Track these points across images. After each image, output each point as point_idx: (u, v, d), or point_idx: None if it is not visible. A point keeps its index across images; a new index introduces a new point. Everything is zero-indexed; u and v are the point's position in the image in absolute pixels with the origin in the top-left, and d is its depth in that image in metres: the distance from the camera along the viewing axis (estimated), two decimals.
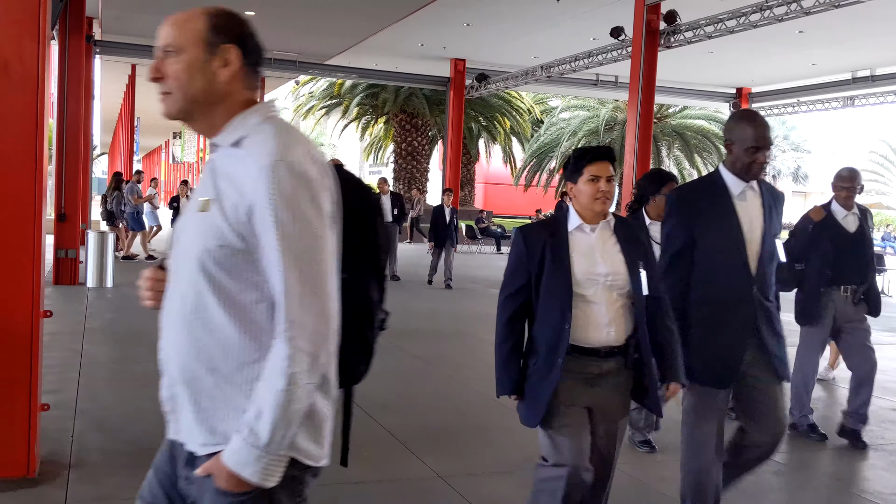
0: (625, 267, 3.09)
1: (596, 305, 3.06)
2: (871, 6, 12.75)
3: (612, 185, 3.09)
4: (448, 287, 13.58)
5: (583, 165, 3.08)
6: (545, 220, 3.41)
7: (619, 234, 3.17)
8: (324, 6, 15.83)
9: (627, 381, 3.17)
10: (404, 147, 32.61)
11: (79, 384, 6.29)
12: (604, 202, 3.08)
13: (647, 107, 15.01)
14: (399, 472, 4.62)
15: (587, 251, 3.10)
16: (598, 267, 3.07)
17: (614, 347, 3.08)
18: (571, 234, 3.13)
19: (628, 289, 3.09)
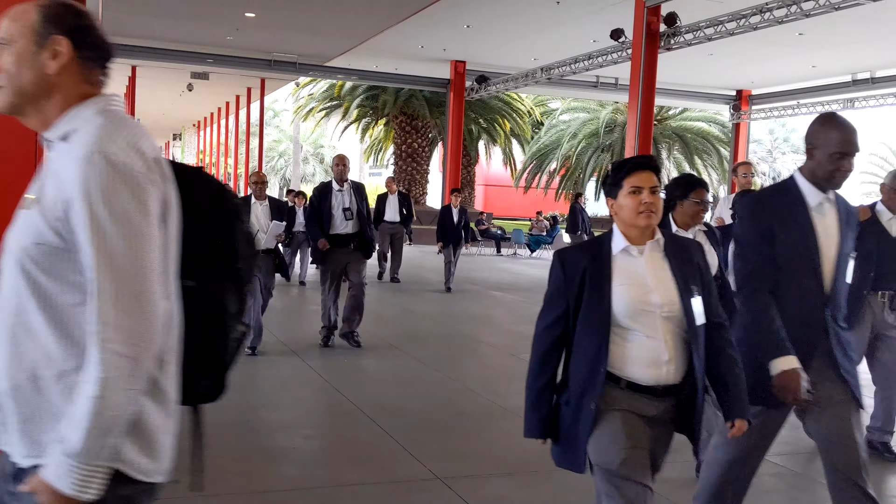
0: (678, 295, 2.73)
1: (652, 340, 2.71)
2: (870, 8, 12.77)
3: (656, 198, 2.74)
4: (447, 290, 13.51)
5: (622, 177, 2.75)
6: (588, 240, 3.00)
7: (671, 254, 2.81)
8: (324, 8, 15.85)
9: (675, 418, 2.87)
10: (404, 149, 32.62)
11: None
12: (648, 216, 2.71)
13: (647, 109, 15.03)
14: (398, 473, 4.61)
15: (636, 278, 2.74)
16: (651, 296, 2.71)
17: (671, 386, 2.76)
18: (615, 258, 2.77)
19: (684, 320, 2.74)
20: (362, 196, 8.23)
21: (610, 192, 2.83)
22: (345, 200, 8.07)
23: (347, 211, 8.02)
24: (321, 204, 8.07)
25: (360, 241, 8.09)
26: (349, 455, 4.96)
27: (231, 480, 4.38)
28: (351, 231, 8.03)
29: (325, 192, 8.11)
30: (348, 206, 8.03)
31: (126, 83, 27.92)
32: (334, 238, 7.99)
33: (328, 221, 7.96)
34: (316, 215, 8.11)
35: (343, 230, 8.02)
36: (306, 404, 6.19)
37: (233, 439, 5.10)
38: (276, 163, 65.94)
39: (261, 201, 7.98)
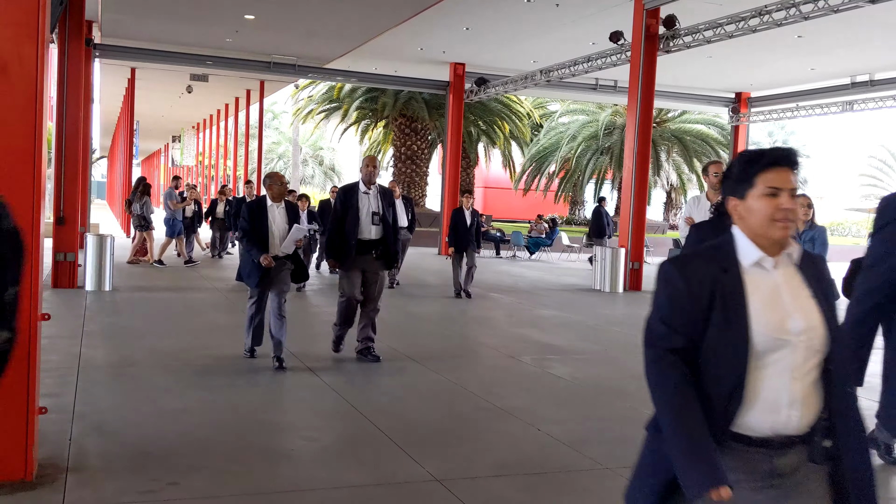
0: (821, 319, 2.18)
1: (777, 378, 2.13)
2: (869, 11, 12.78)
3: (797, 203, 2.19)
4: (467, 296, 12.98)
5: (754, 173, 2.18)
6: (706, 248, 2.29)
7: (805, 270, 2.27)
8: (323, 10, 15.85)
9: (820, 484, 2.20)
10: (403, 151, 32.63)
11: (77, 387, 6.28)
12: (786, 226, 2.16)
13: (646, 111, 15.04)
14: (397, 475, 4.61)
15: (771, 297, 2.18)
16: (791, 321, 2.15)
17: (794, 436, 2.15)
18: (748, 272, 2.20)
19: (825, 350, 2.18)
20: (390, 202, 7.76)
21: (735, 189, 2.24)
22: (372, 204, 7.61)
23: (375, 215, 7.56)
24: (347, 206, 7.56)
25: (384, 250, 7.65)
26: (348, 457, 4.96)
27: (231, 481, 4.38)
28: (375, 237, 7.59)
29: (350, 194, 7.62)
30: (376, 210, 7.58)
31: (125, 85, 27.93)
32: (358, 243, 7.54)
33: (354, 225, 7.48)
34: (339, 219, 7.57)
35: (368, 235, 7.57)
36: (305, 406, 6.19)
37: (232, 441, 5.10)
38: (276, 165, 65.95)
39: (277, 204, 7.37)
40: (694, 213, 7.13)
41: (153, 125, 41.95)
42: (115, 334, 8.85)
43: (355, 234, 7.51)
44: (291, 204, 7.57)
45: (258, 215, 7.23)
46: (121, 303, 11.25)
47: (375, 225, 7.56)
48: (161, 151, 60.78)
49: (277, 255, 7.22)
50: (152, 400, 6.02)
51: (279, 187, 7.42)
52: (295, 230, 7.24)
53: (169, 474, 4.42)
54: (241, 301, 12.19)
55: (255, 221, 7.22)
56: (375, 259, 7.61)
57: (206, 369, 7.25)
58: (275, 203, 7.33)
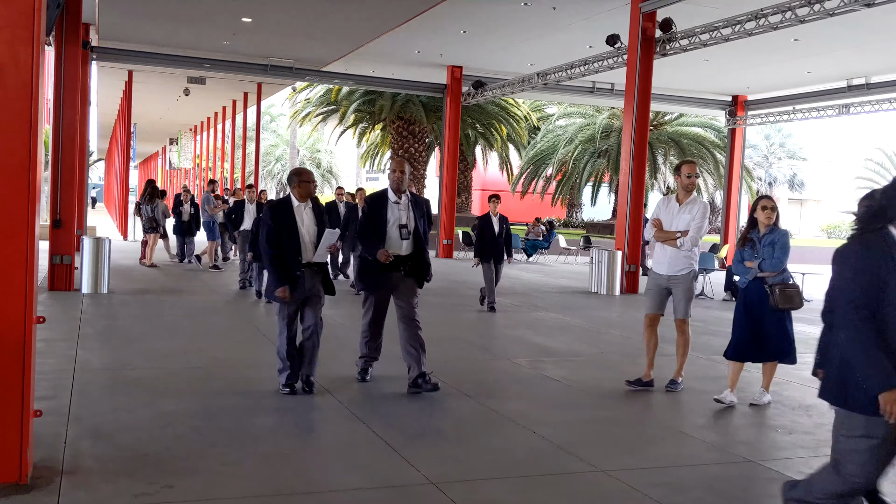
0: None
1: None
2: (865, 15, 12.82)
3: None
4: (492, 310, 12.00)
5: None
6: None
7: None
8: (321, 13, 15.87)
9: None
10: (401, 153, 32.64)
11: (72, 390, 6.28)
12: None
13: (642, 114, 15.06)
14: (393, 478, 4.61)
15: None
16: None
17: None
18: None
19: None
20: (423, 212, 6.86)
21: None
22: (401, 216, 6.73)
23: (404, 228, 6.69)
24: (373, 219, 6.74)
25: (415, 266, 6.76)
26: (344, 460, 4.96)
27: (226, 484, 4.38)
28: (405, 252, 6.69)
29: (378, 204, 6.75)
30: (405, 222, 6.70)
31: (123, 87, 27.92)
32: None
33: (381, 239, 6.64)
34: (369, 229, 6.74)
35: (396, 251, 6.66)
36: (300, 409, 6.18)
37: (228, 443, 5.10)
38: (273, 167, 65.96)
39: (304, 204, 6.48)
40: (662, 215, 6.97)
41: (150, 128, 41.94)
42: (112, 337, 8.85)
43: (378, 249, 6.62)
44: (318, 202, 6.73)
45: (285, 219, 6.33)
46: (117, 306, 11.24)
47: (405, 239, 6.68)
48: (158, 154, 60.75)
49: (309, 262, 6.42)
50: (148, 403, 6.02)
51: (307, 185, 6.50)
52: (328, 234, 6.40)
53: (164, 477, 4.41)
54: (241, 304, 12.22)
55: (283, 226, 6.32)
56: (405, 276, 6.72)
57: (203, 372, 7.24)
58: (302, 203, 6.45)
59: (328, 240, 6.42)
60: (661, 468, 5.06)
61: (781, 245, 6.42)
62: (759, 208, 6.59)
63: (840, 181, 60.09)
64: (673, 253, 6.89)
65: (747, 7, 13.43)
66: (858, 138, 60.35)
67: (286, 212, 6.38)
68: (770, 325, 6.51)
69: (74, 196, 13.08)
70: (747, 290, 6.61)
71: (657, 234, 6.94)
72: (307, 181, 6.50)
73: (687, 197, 6.96)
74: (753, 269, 6.51)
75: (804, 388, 7.65)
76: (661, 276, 7.00)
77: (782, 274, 6.49)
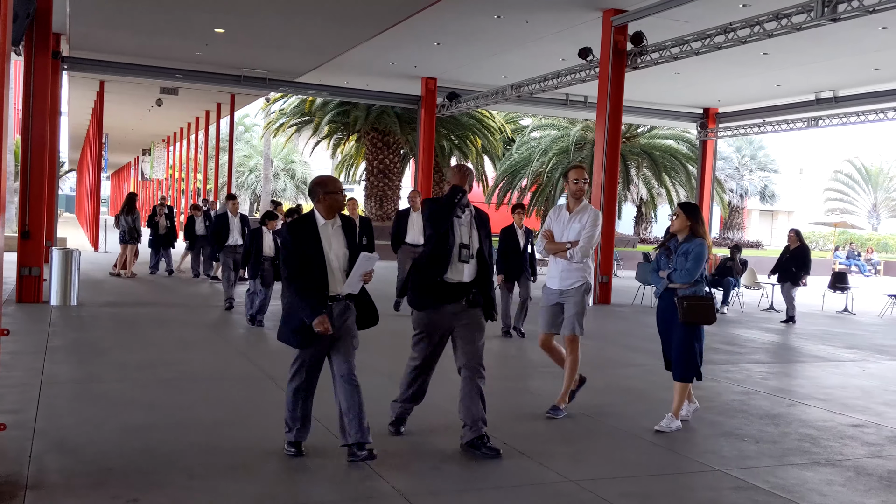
0: None
1: None
2: (831, 29, 13.03)
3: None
4: (520, 335, 10.83)
5: None
6: None
7: None
8: (294, 24, 15.85)
9: None
10: (376, 165, 32.64)
11: (38, 404, 6.20)
12: None
13: (614, 126, 15.18)
14: (361, 490, 4.60)
15: None
16: None
17: None
18: None
19: None
20: (487, 231, 5.62)
21: None
22: (462, 233, 5.46)
23: (465, 249, 5.44)
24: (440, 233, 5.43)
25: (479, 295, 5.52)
26: (314, 472, 4.94)
27: (193, 498, 4.35)
28: (467, 279, 5.46)
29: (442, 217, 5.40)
30: (467, 241, 5.45)
31: (94, 98, 27.71)
32: (442, 287, 5.42)
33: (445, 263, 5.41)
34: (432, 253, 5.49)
35: (456, 277, 5.43)
36: (272, 422, 6.15)
37: (196, 456, 5.06)
38: (247, 178, 65.60)
39: (332, 221, 5.12)
40: (553, 226, 6.54)
41: (123, 138, 41.62)
42: (80, 349, 8.75)
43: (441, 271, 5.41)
44: (349, 219, 5.27)
45: (308, 241, 5.01)
46: (87, 318, 11.12)
47: (465, 262, 5.44)
48: (131, 165, 60.27)
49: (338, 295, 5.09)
50: (116, 416, 5.96)
51: (334, 197, 5.10)
52: (363, 260, 5.04)
53: (130, 491, 4.37)
54: (213, 318, 12.13)
55: (306, 250, 5.00)
56: (468, 308, 5.48)
57: (172, 385, 7.19)
58: (329, 220, 5.11)
59: (363, 266, 5.05)
60: (632, 477, 5.09)
61: (695, 256, 6.12)
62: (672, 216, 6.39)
63: (810, 193, 60.88)
64: (564, 265, 6.45)
65: (717, 21, 13.61)
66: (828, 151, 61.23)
67: (309, 232, 5.04)
68: (674, 339, 6.26)
69: (44, 207, 12.93)
70: (660, 301, 6.41)
71: (547, 247, 6.49)
72: (334, 192, 5.10)
73: (577, 204, 6.49)
74: (664, 279, 6.28)
75: (771, 398, 7.73)
76: (554, 291, 6.53)
77: (695, 286, 6.20)
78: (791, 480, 5.13)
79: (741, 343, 11.74)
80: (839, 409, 7.34)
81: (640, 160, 33.25)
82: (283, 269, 5.07)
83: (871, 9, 11.06)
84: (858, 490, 5.03)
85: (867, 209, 58.69)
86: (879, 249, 44.87)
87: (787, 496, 4.82)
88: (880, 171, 59.19)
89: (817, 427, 6.61)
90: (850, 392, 8.25)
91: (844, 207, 58.77)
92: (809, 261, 14.61)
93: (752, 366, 9.71)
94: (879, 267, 36.42)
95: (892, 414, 7.30)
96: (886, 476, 5.34)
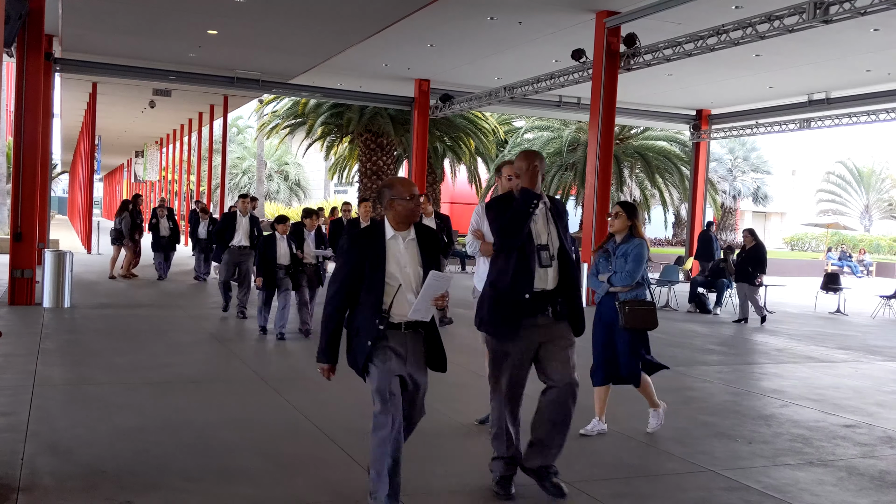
0: None
1: None
2: (823, 31, 13.07)
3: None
4: None
5: None
6: None
7: None
8: (287, 25, 15.84)
9: None
10: (369, 166, 32.61)
11: (31, 406, 6.18)
12: None
13: (607, 128, 15.21)
14: (355, 492, 4.60)
15: None
16: None
17: None
18: None
19: None
20: (565, 224, 4.72)
21: None
22: (539, 233, 4.57)
23: (544, 251, 4.52)
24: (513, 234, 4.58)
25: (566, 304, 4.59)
26: (307, 475, 4.94)
27: (187, 500, 4.34)
28: (550, 286, 4.54)
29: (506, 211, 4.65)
30: (545, 241, 4.56)
31: (87, 99, 27.63)
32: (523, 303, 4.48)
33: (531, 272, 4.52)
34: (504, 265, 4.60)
35: (539, 285, 4.51)
36: (265, 424, 6.14)
37: (189, 459, 5.06)
38: (240, 180, 65.54)
39: (403, 232, 4.13)
40: (484, 226, 5.77)
41: (115, 140, 41.50)
42: (73, 352, 8.73)
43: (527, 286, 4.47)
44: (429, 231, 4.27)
45: (371, 256, 4.04)
46: (79, 320, 11.09)
47: (546, 266, 4.50)
48: (124, 166, 60.14)
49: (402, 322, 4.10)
50: (108, 418, 5.94)
51: (406, 206, 4.09)
52: (432, 281, 3.96)
53: (123, 493, 4.36)
54: (204, 317, 12.09)
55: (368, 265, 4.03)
56: (555, 321, 4.57)
57: (165, 387, 7.17)
58: (400, 232, 4.12)
59: (433, 288, 3.98)
60: (625, 478, 5.10)
61: (634, 257, 5.83)
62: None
63: (803, 194, 61.08)
64: None
65: (710, 23, 13.64)
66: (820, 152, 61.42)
67: (373, 246, 4.06)
68: (620, 344, 5.97)
69: (36, 209, 12.89)
70: (600, 306, 6.06)
71: (483, 248, 5.78)
72: (405, 197, 4.07)
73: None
74: (604, 283, 6.00)
75: (764, 399, 7.76)
76: None
77: (636, 289, 5.91)
78: (783, 481, 5.15)
79: (734, 344, 11.77)
80: (831, 410, 7.37)
81: (634, 161, 33.30)
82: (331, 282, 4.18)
83: (863, 11, 11.10)
84: (850, 490, 5.05)
85: (859, 210, 58.91)
86: (872, 250, 45.03)
87: (780, 496, 4.84)
88: (872, 172, 59.41)
89: (810, 427, 6.64)
90: (843, 393, 8.28)
91: (837, 209, 58.97)
92: (765, 259, 14.65)
93: (744, 366, 9.74)
94: (872, 268, 36.56)
95: (884, 414, 7.33)
96: (878, 476, 5.36)
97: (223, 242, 12.22)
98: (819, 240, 48.21)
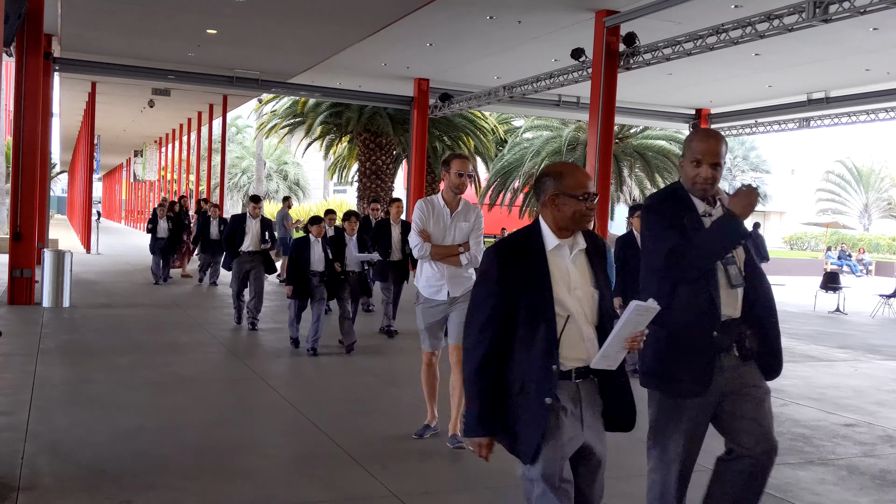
0: None
1: None
2: (823, 30, 13.06)
3: None
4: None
5: None
6: None
7: None
8: (287, 25, 15.83)
9: None
10: (368, 166, 32.60)
11: (31, 406, 6.18)
12: None
13: (607, 127, 15.19)
14: (354, 491, 4.60)
15: None
16: None
17: None
18: None
19: None
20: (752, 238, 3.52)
21: None
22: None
23: (732, 265, 3.38)
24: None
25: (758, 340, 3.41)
26: (307, 474, 4.93)
27: (186, 500, 4.34)
28: (737, 314, 3.38)
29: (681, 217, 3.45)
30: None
31: (86, 99, 27.62)
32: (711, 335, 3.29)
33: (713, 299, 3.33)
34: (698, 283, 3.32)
35: (726, 312, 3.36)
36: (264, 423, 6.14)
37: (189, 459, 5.05)
38: (239, 179, 65.54)
39: (569, 241, 2.98)
40: (431, 226, 5.53)
41: (115, 140, 41.47)
42: (72, 351, 8.72)
43: (714, 317, 3.25)
44: (595, 239, 3.07)
45: (531, 273, 2.88)
46: (79, 320, 11.08)
47: (736, 286, 3.32)
48: (123, 166, 60.11)
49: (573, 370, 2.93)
50: (108, 418, 5.94)
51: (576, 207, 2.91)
52: (633, 314, 2.81)
53: (123, 493, 4.36)
54: (203, 317, 12.08)
55: (525, 289, 2.85)
56: (743, 361, 3.41)
57: (164, 387, 7.17)
58: (564, 241, 2.97)
59: (633, 323, 2.84)
60: (627, 477, 5.09)
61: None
62: None
63: (802, 193, 61.11)
64: (454, 272, 5.46)
65: (709, 22, 13.63)
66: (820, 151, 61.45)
67: (529, 260, 2.89)
68: None
69: (35, 208, 12.88)
70: None
71: (434, 251, 5.44)
72: (575, 193, 2.90)
73: (455, 198, 5.62)
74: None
75: None
76: (441, 302, 5.48)
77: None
78: (784, 480, 5.15)
79: None
80: (832, 409, 7.37)
81: (633, 161, 33.31)
82: (469, 322, 2.95)
83: (863, 10, 11.09)
84: (851, 489, 5.05)
85: (858, 209, 58.95)
86: (871, 249, 45.06)
87: (780, 495, 4.83)
88: (871, 171, 59.46)
89: (810, 426, 6.63)
90: (843, 392, 8.28)
91: (836, 208, 59.00)
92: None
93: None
94: (871, 267, 36.57)
95: (885, 413, 7.33)
96: (879, 475, 5.36)
97: (233, 248, 11.13)
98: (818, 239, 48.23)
